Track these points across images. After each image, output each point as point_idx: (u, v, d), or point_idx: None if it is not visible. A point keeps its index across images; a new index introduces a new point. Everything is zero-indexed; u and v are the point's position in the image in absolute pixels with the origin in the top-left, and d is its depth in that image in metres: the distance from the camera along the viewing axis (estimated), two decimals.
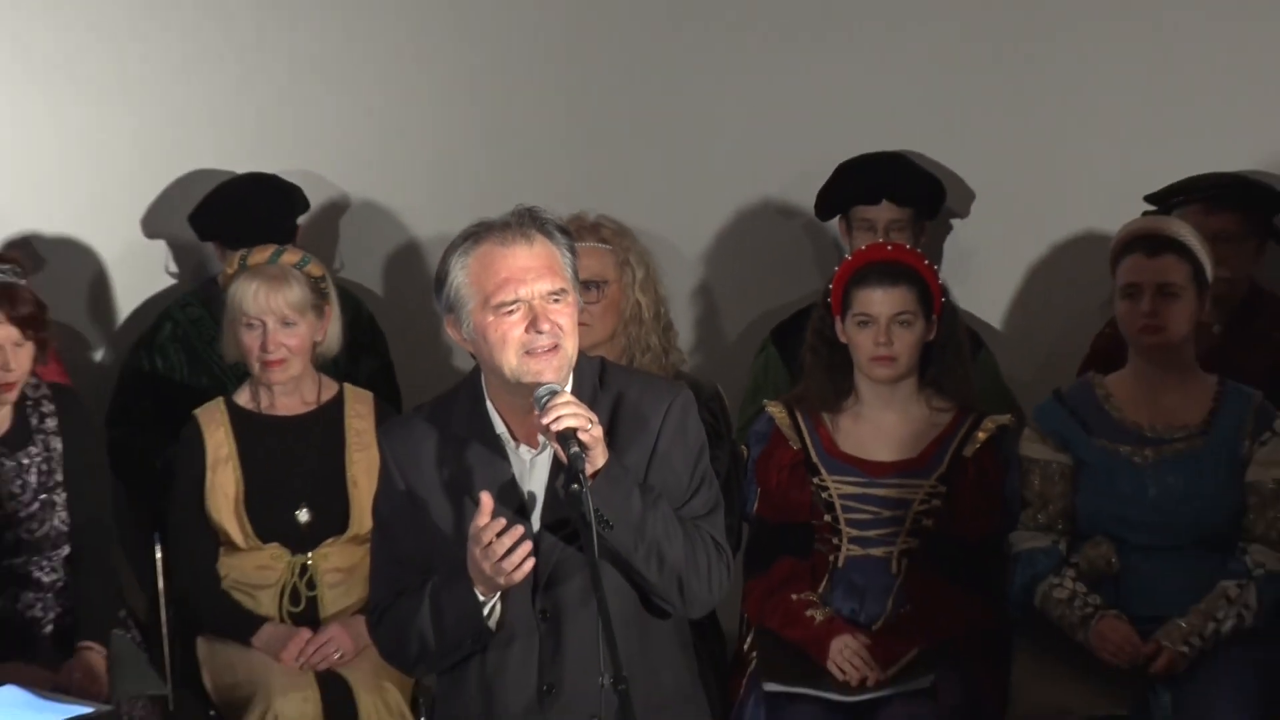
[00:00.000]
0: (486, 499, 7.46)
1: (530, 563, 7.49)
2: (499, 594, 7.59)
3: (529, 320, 7.51)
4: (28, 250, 10.69)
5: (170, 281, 11.34)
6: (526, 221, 7.68)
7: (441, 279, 7.72)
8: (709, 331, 11.21)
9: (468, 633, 7.67)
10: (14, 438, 9.88)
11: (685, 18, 11.50)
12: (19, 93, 11.65)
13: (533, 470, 7.71)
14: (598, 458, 7.47)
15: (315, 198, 11.27)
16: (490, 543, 7.40)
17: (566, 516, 7.55)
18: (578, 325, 7.69)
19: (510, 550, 7.37)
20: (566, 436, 7.38)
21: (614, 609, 7.40)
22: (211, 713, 10.20)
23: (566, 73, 11.51)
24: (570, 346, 7.62)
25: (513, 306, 7.54)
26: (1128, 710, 9.67)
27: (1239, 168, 11.02)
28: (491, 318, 7.55)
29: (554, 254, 7.67)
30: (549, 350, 7.52)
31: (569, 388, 7.61)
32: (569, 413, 7.40)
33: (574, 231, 8.08)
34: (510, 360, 7.52)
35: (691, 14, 11.51)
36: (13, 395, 9.88)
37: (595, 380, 7.77)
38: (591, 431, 7.43)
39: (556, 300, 7.58)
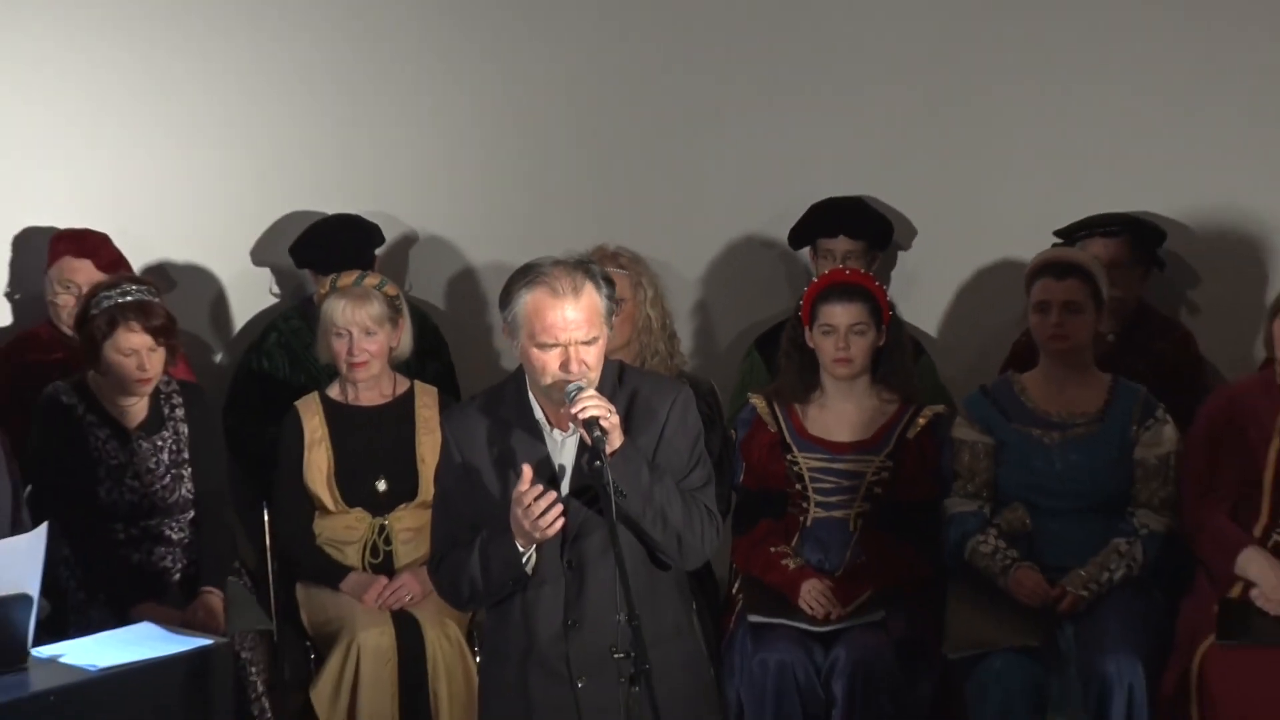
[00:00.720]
0: (527, 470, 7.70)
1: (560, 522, 7.71)
2: (534, 546, 7.79)
3: (563, 360, 7.74)
4: (161, 274, 10.97)
5: (274, 300, 11.49)
6: (579, 272, 7.88)
7: (506, 301, 7.85)
8: (705, 339, 11.43)
9: (509, 577, 7.87)
10: (150, 424, 10.09)
11: (689, 91, 11.49)
12: (157, 143, 11.61)
13: (563, 449, 7.91)
14: (615, 440, 7.69)
15: (390, 232, 11.48)
16: (529, 505, 7.62)
17: (589, 486, 7.79)
18: (593, 358, 7.92)
19: (545, 512, 7.60)
20: (591, 423, 7.62)
21: (626, 560, 7.62)
22: (307, 644, 10.41)
23: (593, 131, 11.55)
24: (595, 375, 7.85)
25: (553, 347, 7.76)
26: (1038, 641, 9.85)
27: (1130, 208, 11.13)
28: (535, 350, 7.76)
29: (595, 303, 7.86)
30: (582, 366, 7.75)
31: (594, 385, 7.80)
32: (593, 404, 7.63)
33: (598, 259, 8.42)
34: (545, 381, 7.77)
35: (693, 88, 11.48)
36: (148, 389, 10.03)
37: (615, 379, 7.97)
38: (610, 419, 7.66)
39: (587, 345, 7.81)
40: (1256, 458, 9.91)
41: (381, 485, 10.35)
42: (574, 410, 7.67)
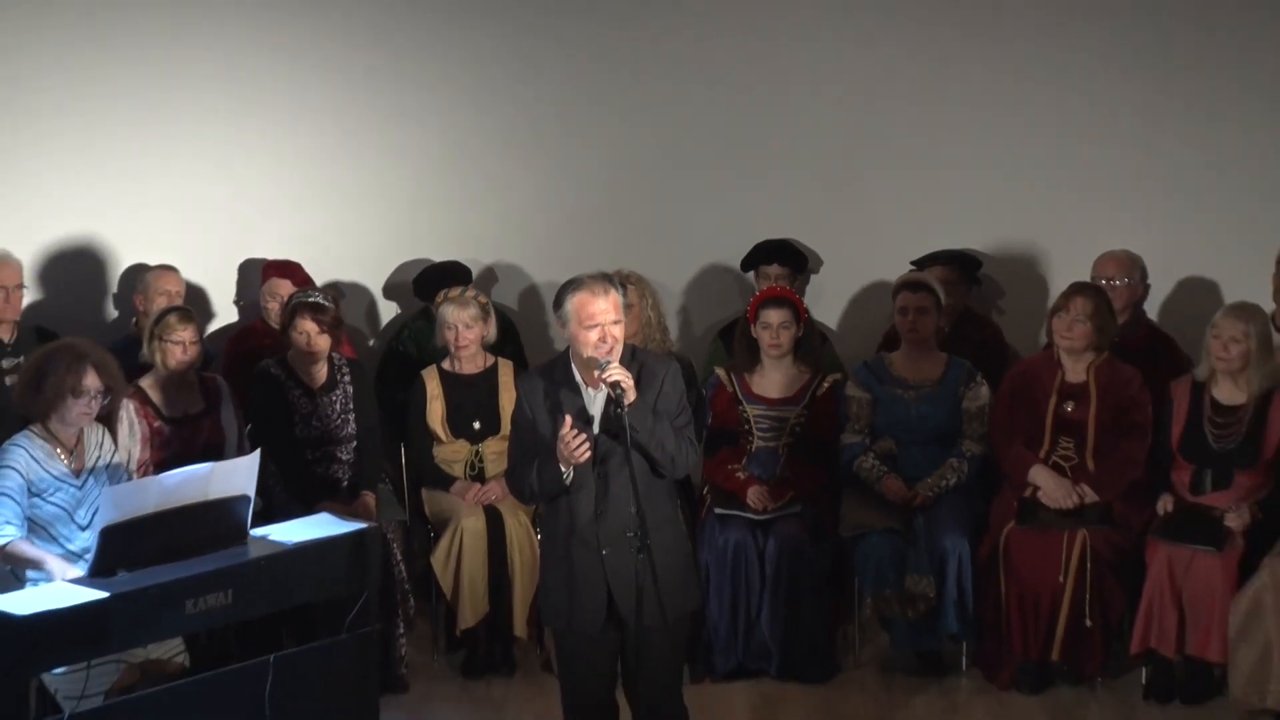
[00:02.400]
0: (568, 419, 7.78)
1: (588, 454, 7.79)
2: (572, 467, 7.85)
3: (600, 336, 7.82)
4: (335, 288, 10.92)
5: (398, 311, 11.44)
6: (606, 281, 7.96)
7: (559, 303, 7.89)
8: (686, 331, 11.38)
9: (555, 487, 7.91)
10: (327, 385, 10.12)
11: (680, 167, 11.30)
12: (334, 204, 11.38)
13: (594, 402, 7.94)
14: (631, 395, 7.74)
15: (481, 262, 11.31)
16: (568, 441, 7.74)
17: (612, 425, 7.81)
18: (619, 333, 7.92)
19: (578, 447, 7.72)
20: (615, 384, 7.71)
21: (637, 471, 7.71)
22: (428, 527, 10.44)
23: (614, 192, 11.31)
24: (620, 346, 7.90)
25: (593, 327, 7.89)
26: (900, 525, 9.98)
27: (959, 245, 11.09)
28: (581, 330, 7.80)
29: (618, 300, 7.94)
30: (610, 349, 7.80)
31: (616, 360, 7.88)
32: (617, 372, 7.72)
33: (617, 278, 8.36)
34: (586, 353, 7.77)
35: (682, 164, 11.31)
36: (317, 360, 10.04)
37: (629, 356, 7.94)
38: (627, 382, 7.73)
39: (616, 324, 7.88)
40: (1040, 409, 10.06)
41: (477, 425, 10.40)
42: (604, 376, 7.75)
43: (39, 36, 11.00)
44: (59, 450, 8.89)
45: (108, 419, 9.27)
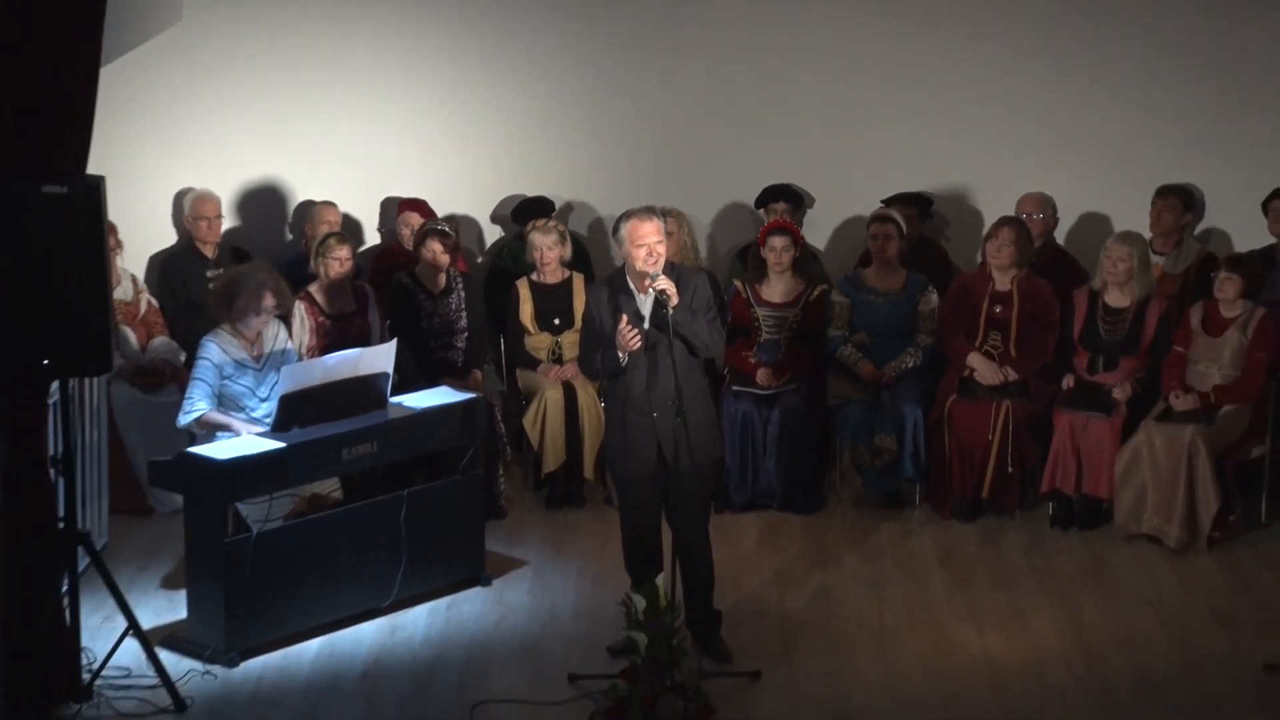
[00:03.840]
0: (624, 318, 7.83)
1: (640, 343, 7.80)
2: (627, 354, 7.84)
3: (648, 253, 7.81)
4: (452, 218, 10.72)
5: (501, 234, 11.20)
6: (652, 211, 7.96)
7: (617, 229, 7.91)
8: (713, 253, 11.16)
9: (615, 368, 7.90)
10: (445, 291, 9.92)
11: (713, 117, 11.06)
12: (454, 147, 11.14)
13: (645, 304, 7.91)
14: (673, 299, 7.75)
15: (557, 201, 11.00)
16: (624, 333, 7.78)
17: (657, 322, 7.82)
18: (663, 252, 7.91)
19: (631, 339, 7.76)
20: (661, 290, 7.78)
21: (677, 355, 7.80)
22: (521, 397, 10.25)
23: (663, 141, 11.09)
24: (663, 261, 7.86)
25: (642, 245, 7.86)
26: (871, 396, 9.98)
27: (915, 188, 10.89)
28: (634, 249, 7.80)
29: (660, 225, 7.89)
30: (655, 263, 7.79)
31: (660, 272, 7.84)
32: (663, 281, 7.76)
33: (663, 213, 8.37)
34: (638, 267, 7.80)
35: (714, 115, 11.05)
36: (441, 272, 9.86)
37: (669, 269, 7.89)
38: (671, 289, 7.75)
39: (659, 244, 7.84)
40: (976, 311, 10.01)
41: (556, 321, 10.24)
42: (654, 285, 7.81)
43: (239, 22, 10.96)
44: (242, 343, 9.00)
45: (283, 317, 9.34)
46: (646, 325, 7.97)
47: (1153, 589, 9.07)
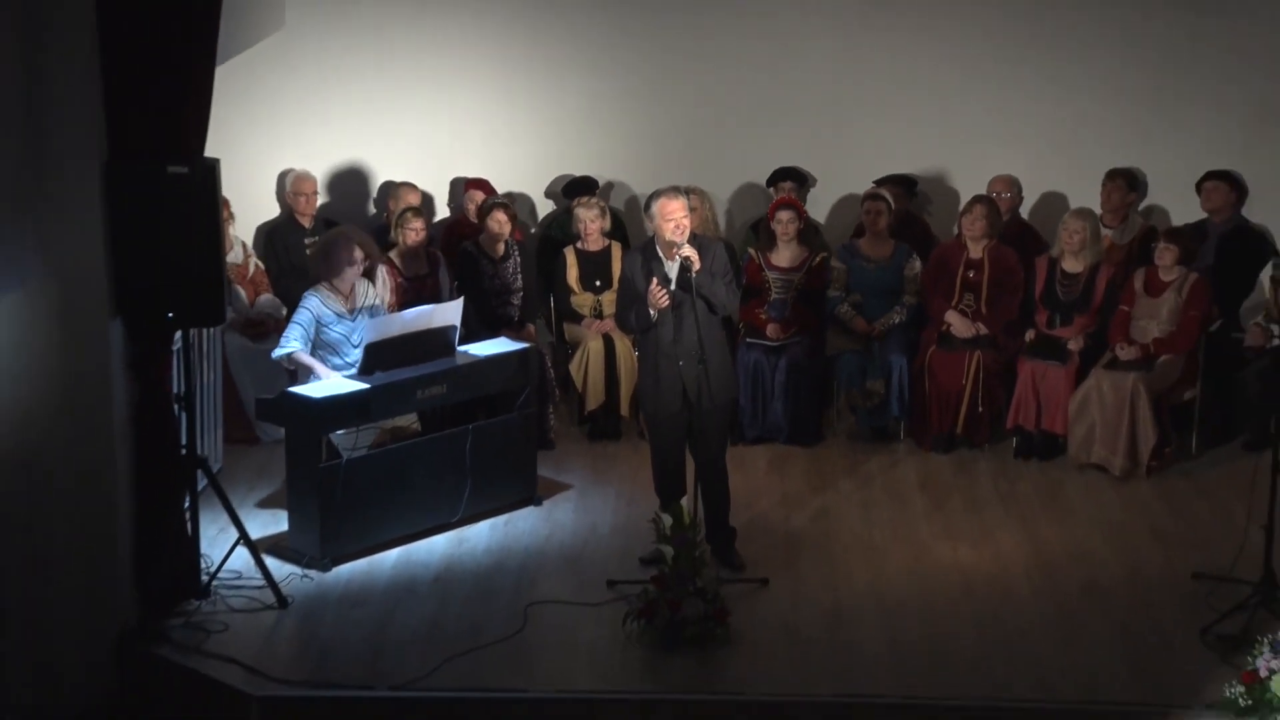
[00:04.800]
0: (655, 281, 7.83)
1: (668, 301, 7.81)
2: (656, 311, 7.84)
3: (675, 226, 7.79)
4: (511, 197, 10.57)
5: (551, 207, 11.09)
6: (679, 190, 7.91)
7: (648, 206, 7.88)
8: (730, 225, 11.00)
9: (646, 323, 7.89)
10: (504, 256, 9.87)
11: (733, 108, 10.92)
12: (519, 129, 11.04)
13: (671, 269, 7.87)
14: (697, 264, 7.71)
15: (600, 180, 10.87)
16: (654, 293, 7.81)
17: (681, 284, 7.79)
18: (688, 225, 7.87)
19: (660, 298, 7.79)
20: (686, 257, 7.76)
21: (699, 313, 7.75)
22: (567, 347, 10.23)
23: (688, 125, 10.95)
24: (688, 233, 7.82)
25: (670, 219, 7.83)
26: (862, 348, 9.96)
27: (902, 170, 10.77)
28: (663, 222, 7.79)
29: (685, 202, 7.87)
30: (680, 234, 7.75)
31: (685, 241, 7.79)
32: (688, 249, 7.73)
33: (686, 189, 8.30)
34: (666, 238, 7.79)
35: (731, 108, 10.91)
36: (501, 240, 9.82)
37: (692, 239, 7.82)
38: (694, 256, 7.71)
39: (685, 218, 7.81)
40: (953, 275, 9.97)
41: (597, 283, 10.14)
42: (680, 252, 7.78)
43: (331, 30, 10.94)
44: (339, 298, 8.99)
45: (370, 274, 9.34)
46: (673, 287, 7.95)
47: (1099, 510, 9.09)
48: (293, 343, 8.86)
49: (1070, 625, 7.72)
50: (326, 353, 8.94)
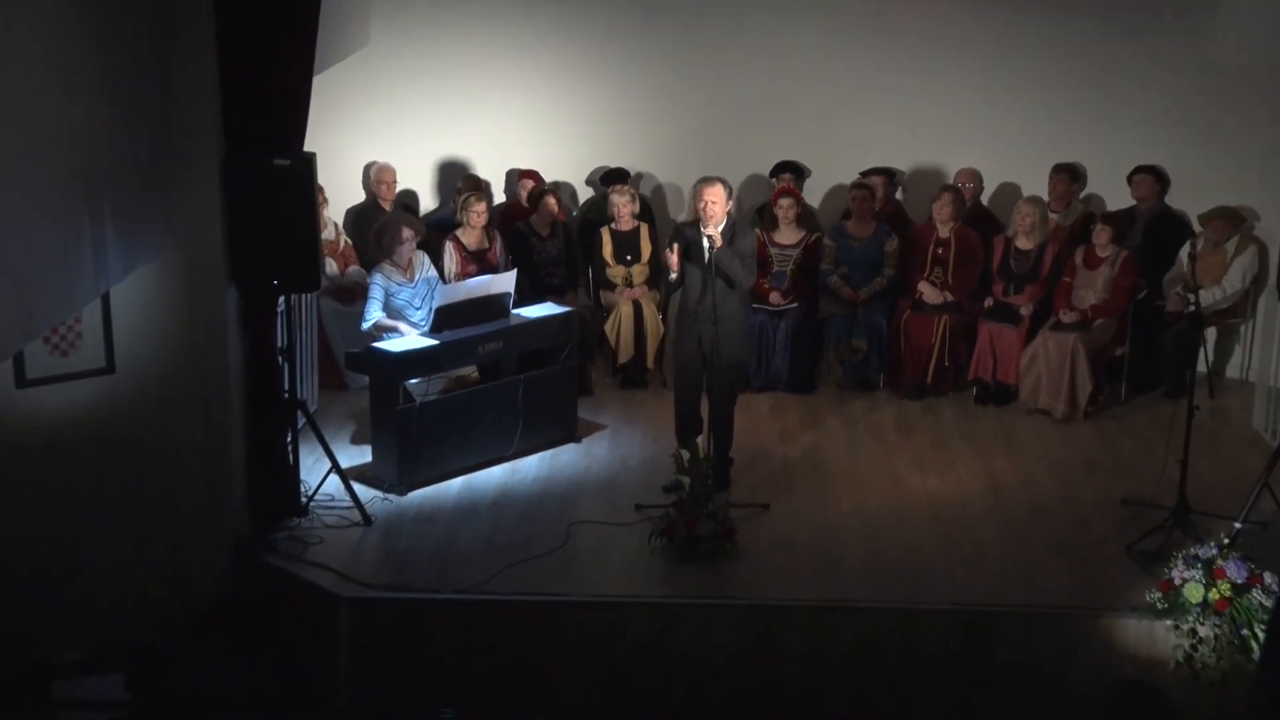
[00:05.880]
0: (675, 246, 7.96)
1: (675, 262, 7.91)
2: (673, 271, 7.93)
3: (705, 205, 7.84)
4: (557, 185, 10.47)
5: (591, 192, 10.93)
6: (717, 179, 7.94)
7: (696, 187, 7.94)
8: (739, 209, 10.25)
9: (677, 286, 8.09)
10: (551, 234, 9.77)
11: (747, 110, 10.74)
12: (563, 123, 10.90)
13: (704, 241, 7.79)
14: (718, 244, 7.73)
15: (632, 170, 10.72)
16: (667, 254, 7.97)
17: (713, 258, 7.74)
18: (717, 210, 7.88)
19: (674, 260, 7.91)
20: (709, 237, 7.77)
21: (718, 284, 7.76)
22: (603, 310, 10.01)
23: (711, 123, 10.77)
24: (721, 214, 7.85)
25: (704, 201, 7.87)
26: (848, 312, 9.87)
27: (884, 163, 10.61)
28: (698, 202, 7.87)
29: (718, 189, 7.89)
30: (708, 212, 7.79)
31: (714, 224, 7.80)
32: (711, 229, 7.74)
33: (710, 180, 8.12)
34: (699, 215, 7.85)
35: (744, 111, 10.74)
36: (550, 219, 9.76)
37: (730, 225, 7.87)
38: (716, 236, 7.74)
39: (714, 202, 7.83)
40: (925, 252, 9.89)
41: (628, 258, 9.97)
42: (706, 230, 7.78)
43: (408, 47, 10.85)
44: (399, 271, 9.02)
45: (429, 247, 9.33)
46: (707, 259, 7.88)
47: (1044, 447, 9.07)
48: (373, 314, 8.93)
49: (1018, 542, 7.72)
50: (397, 317, 8.97)
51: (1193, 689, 6.64)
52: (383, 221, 9.26)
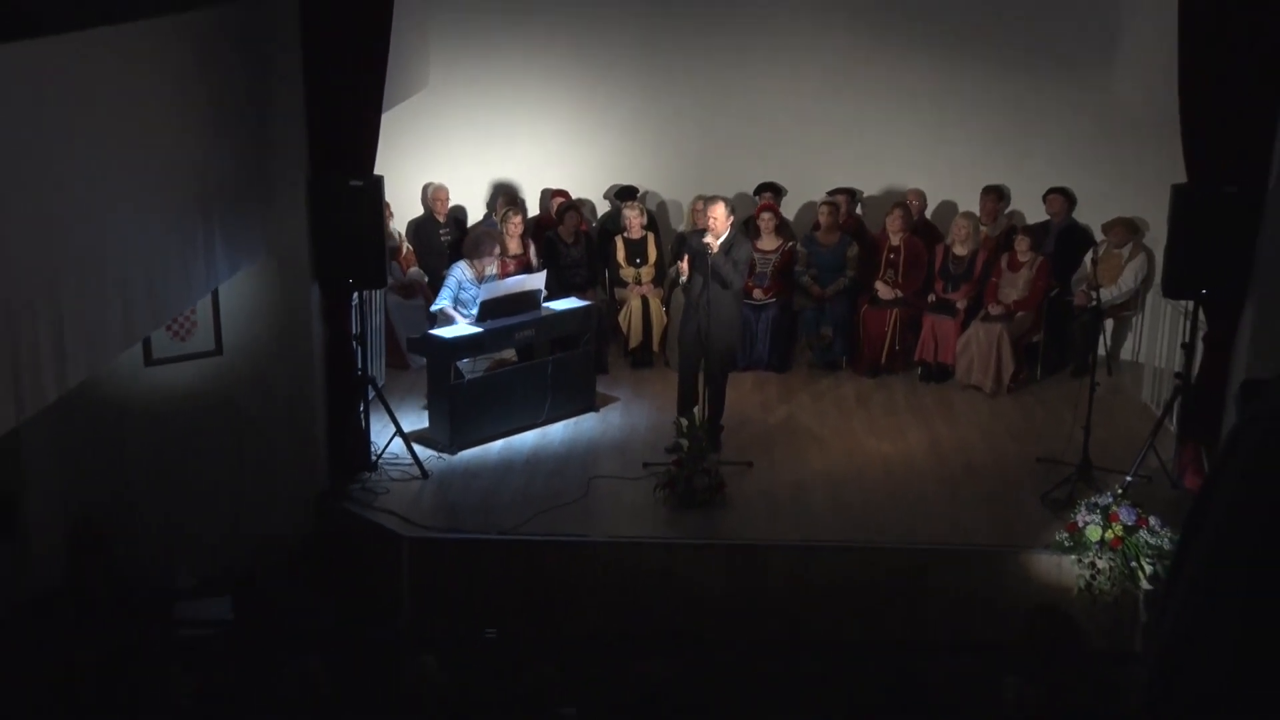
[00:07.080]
0: (686, 255, 7.81)
1: (685, 268, 7.77)
2: (683, 276, 7.81)
3: (702, 218, 7.86)
4: (582, 200, 10.37)
5: (607, 206, 10.73)
6: (719, 198, 7.87)
7: (695, 207, 8.18)
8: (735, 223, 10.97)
9: (678, 278, 7.97)
10: (574, 242, 9.65)
11: (735, 130, 10.52)
12: (582, 147, 10.69)
13: (708, 250, 7.67)
14: (714, 250, 7.64)
15: (641, 187, 10.60)
16: (680, 266, 7.83)
17: (713, 263, 7.66)
18: (719, 224, 7.78)
19: (683, 267, 7.78)
20: (705, 244, 7.70)
21: (712, 284, 7.69)
22: (616, 303, 9.87)
23: (706, 142, 10.57)
24: (721, 225, 7.74)
25: (703, 214, 7.89)
26: (816, 306, 9.77)
27: (849, 184, 10.43)
28: (700, 219, 7.95)
29: (718, 206, 7.80)
30: (705, 224, 7.77)
31: (713, 234, 7.71)
32: (709, 237, 7.67)
33: (715, 199, 8.07)
34: (700, 227, 7.85)
35: (733, 131, 10.52)
36: (574, 230, 9.64)
37: (730, 236, 7.76)
38: (712, 244, 7.65)
39: (712, 216, 7.75)
40: (879, 255, 9.79)
41: (638, 260, 9.85)
42: (704, 239, 7.72)
43: (461, 90, 10.74)
44: (474, 271, 9.02)
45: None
46: (709, 262, 7.80)
47: (976, 416, 9.04)
48: (444, 300, 8.90)
49: (954, 493, 7.73)
50: (461, 308, 8.96)
51: (1091, 610, 6.67)
52: (483, 231, 9.22)
